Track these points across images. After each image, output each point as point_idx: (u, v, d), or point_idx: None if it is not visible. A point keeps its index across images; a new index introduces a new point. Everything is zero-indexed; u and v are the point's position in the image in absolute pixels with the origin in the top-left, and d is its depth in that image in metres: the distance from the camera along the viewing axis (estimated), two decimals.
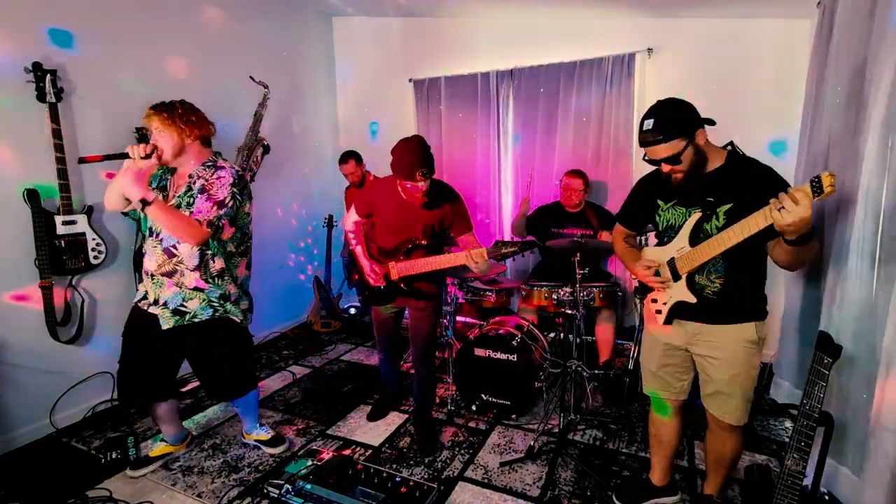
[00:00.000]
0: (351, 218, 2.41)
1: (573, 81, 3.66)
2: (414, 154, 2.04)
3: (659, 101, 1.54)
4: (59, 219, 2.51)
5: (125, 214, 2.37)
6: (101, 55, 2.76)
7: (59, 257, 2.52)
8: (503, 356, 2.62)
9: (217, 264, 2.04)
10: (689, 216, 1.60)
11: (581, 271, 2.55)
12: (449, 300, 3.16)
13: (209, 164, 2.02)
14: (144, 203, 1.80)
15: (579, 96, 3.66)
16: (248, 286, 2.22)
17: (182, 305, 2.00)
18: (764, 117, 3.20)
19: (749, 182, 1.50)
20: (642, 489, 2.04)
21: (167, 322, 2.00)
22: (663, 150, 1.50)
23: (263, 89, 3.39)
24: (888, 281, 1.69)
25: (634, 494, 2.03)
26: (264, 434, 2.46)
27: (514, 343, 2.61)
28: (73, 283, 2.65)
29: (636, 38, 3.46)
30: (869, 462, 1.69)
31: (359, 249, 2.37)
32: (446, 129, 4.17)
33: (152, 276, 2.00)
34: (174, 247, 1.97)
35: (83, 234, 2.59)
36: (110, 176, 2.75)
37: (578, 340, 2.70)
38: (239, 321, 2.14)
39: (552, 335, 3.29)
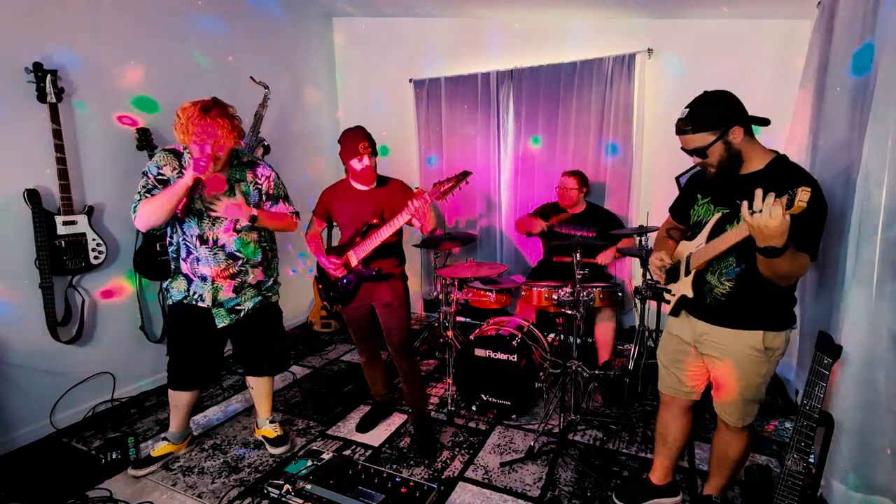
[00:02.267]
0: (309, 227, 2.53)
1: (573, 81, 3.65)
2: (355, 133, 2.29)
3: (705, 92, 1.52)
4: (59, 219, 2.51)
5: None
6: (102, 56, 2.76)
7: (60, 257, 2.52)
8: (503, 356, 2.62)
9: (273, 256, 2.34)
10: (714, 214, 1.61)
11: (581, 272, 2.55)
12: (450, 300, 3.15)
13: (240, 163, 2.19)
14: (254, 220, 2.07)
15: (579, 96, 3.66)
16: None
17: (238, 305, 2.21)
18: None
19: (783, 191, 1.30)
20: (642, 489, 2.03)
21: (223, 321, 2.19)
22: (690, 140, 1.52)
23: (264, 89, 3.39)
24: (882, 281, 1.70)
25: (634, 494, 2.03)
26: (271, 430, 2.47)
27: (514, 343, 2.61)
28: (74, 283, 2.66)
29: (636, 39, 3.45)
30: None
31: (312, 249, 2.49)
32: (446, 129, 4.17)
33: (212, 280, 2.13)
34: (238, 251, 2.16)
35: (83, 234, 2.60)
36: (111, 175, 2.77)
37: (578, 341, 2.70)
38: (277, 300, 2.39)
39: (552, 336, 3.29)
